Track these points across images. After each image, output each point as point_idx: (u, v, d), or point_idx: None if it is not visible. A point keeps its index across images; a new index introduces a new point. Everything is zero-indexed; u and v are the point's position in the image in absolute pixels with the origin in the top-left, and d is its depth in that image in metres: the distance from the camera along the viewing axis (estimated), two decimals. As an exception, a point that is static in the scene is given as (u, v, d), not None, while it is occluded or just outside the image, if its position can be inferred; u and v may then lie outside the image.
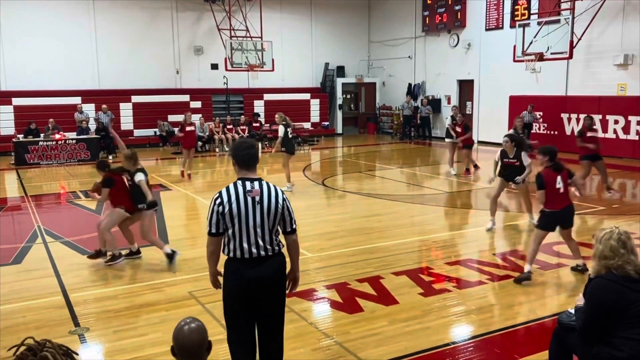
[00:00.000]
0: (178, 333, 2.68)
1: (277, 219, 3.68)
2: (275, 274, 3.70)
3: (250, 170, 3.72)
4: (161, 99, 21.33)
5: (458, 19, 21.26)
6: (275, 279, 3.70)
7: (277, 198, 3.67)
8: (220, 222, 3.63)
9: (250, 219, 3.60)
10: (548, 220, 6.36)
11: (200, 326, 2.72)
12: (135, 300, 5.88)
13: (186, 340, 2.65)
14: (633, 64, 15.91)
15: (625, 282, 3.31)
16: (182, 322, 2.74)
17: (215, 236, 3.68)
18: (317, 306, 5.74)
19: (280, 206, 3.67)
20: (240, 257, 3.63)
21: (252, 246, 3.61)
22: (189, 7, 22.04)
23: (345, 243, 7.92)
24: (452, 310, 5.53)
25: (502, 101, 19.35)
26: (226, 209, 3.60)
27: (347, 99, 26.10)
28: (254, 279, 3.61)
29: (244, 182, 3.66)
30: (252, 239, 3.61)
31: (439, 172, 14.60)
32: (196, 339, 2.67)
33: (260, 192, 3.64)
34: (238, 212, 3.59)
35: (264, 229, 3.62)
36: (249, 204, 3.61)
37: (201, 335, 2.69)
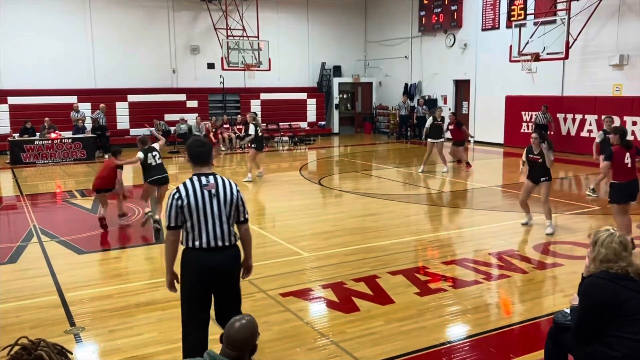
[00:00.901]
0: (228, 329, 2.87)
1: (233, 210, 3.94)
2: (231, 263, 3.98)
3: (204, 166, 4.00)
4: (157, 98, 21.29)
5: (454, 19, 21.29)
6: (230, 268, 4.00)
7: (231, 190, 3.96)
8: (178, 215, 3.85)
9: (208, 211, 3.86)
10: (618, 192, 7.23)
11: (252, 321, 2.93)
12: (132, 300, 5.87)
13: (236, 336, 2.82)
14: (628, 64, 15.95)
15: (617, 280, 3.32)
16: (234, 318, 2.93)
17: (174, 229, 3.90)
18: (313, 306, 5.74)
19: (235, 197, 3.96)
20: (199, 247, 3.87)
21: (211, 237, 3.86)
22: (185, 7, 22.01)
23: (341, 242, 7.93)
24: (447, 310, 5.54)
25: (498, 101, 19.40)
26: (184, 202, 3.84)
27: (344, 99, 26.11)
28: (212, 267, 3.88)
29: (200, 177, 3.93)
30: (210, 230, 3.86)
31: (435, 171, 14.61)
32: (244, 335, 2.85)
33: (215, 186, 3.92)
34: (196, 205, 3.84)
35: (221, 220, 3.89)
36: (205, 197, 3.87)
37: (251, 330, 2.89)
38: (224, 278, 3.98)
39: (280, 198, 12.25)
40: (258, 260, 7.14)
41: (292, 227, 8.99)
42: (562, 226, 8.95)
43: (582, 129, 17.03)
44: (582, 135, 16.76)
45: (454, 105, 22.09)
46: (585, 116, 16.86)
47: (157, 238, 8.22)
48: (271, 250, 7.71)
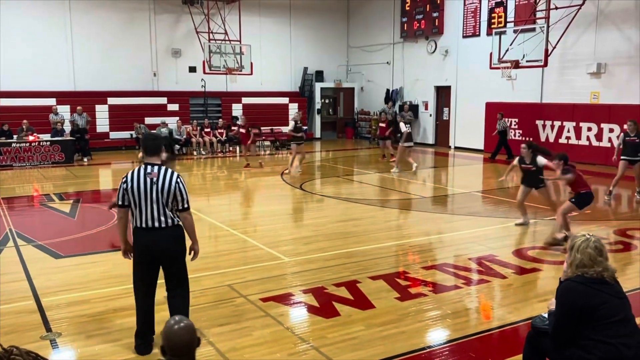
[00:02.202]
0: (169, 332, 2.72)
1: (170, 197, 4.51)
2: (168, 241, 4.56)
3: (153, 157, 4.59)
4: (138, 101, 21.10)
5: (436, 25, 21.48)
6: (168, 246, 4.57)
7: (170, 180, 4.52)
8: (125, 196, 4.53)
9: (148, 195, 4.47)
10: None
11: (190, 324, 2.77)
12: (110, 305, 5.79)
13: (177, 339, 2.69)
14: (606, 72, 16.24)
15: (593, 284, 3.37)
16: (171, 321, 2.78)
17: (121, 207, 4.59)
18: (293, 311, 5.72)
19: (173, 187, 4.51)
20: (139, 227, 4.54)
21: (148, 218, 4.49)
22: (166, 10, 21.88)
23: (322, 247, 7.92)
24: (427, 315, 5.56)
25: (478, 108, 19.60)
26: (128, 186, 4.50)
27: (326, 104, 26.15)
28: (150, 245, 4.53)
29: (146, 166, 4.54)
30: (147, 212, 4.49)
31: (417, 177, 14.69)
32: (187, 337, 2.72)
33: (157, 175, 4.50)
34: (138, 189, 4.48)
35: (158, 204, 4.48)
36: (147, 183, 4.48)
37: (191, 333, 2.74)
38: (162, 255, 4.58)
39: (261, 203, 12.21)
40: (238, 265, 7.13)
41: (273, 232, 8.96)
42: (541, 231, 9.05)
43: (561, 135, 17.27)
44: (561, 142, 17.00)
45: (435, 111, 22.28)
46: (564, 123, 17.11)
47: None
48: (252, 255, 7.68)
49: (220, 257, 7.54)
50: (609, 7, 15.87)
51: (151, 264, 4.62)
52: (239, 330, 5.14)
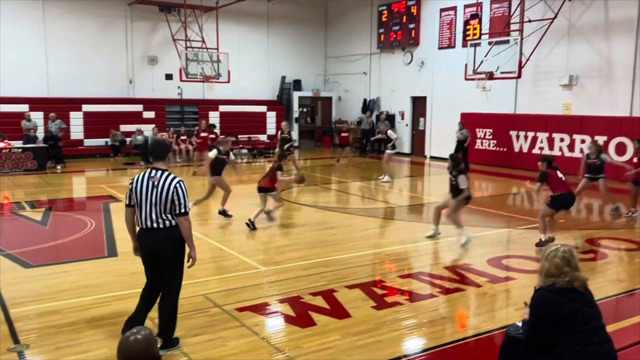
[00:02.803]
0: (123, 343, 2.64)
1: (168, 201, 4.72)
2: (161, 242, 4.76)
3: (157, 162, 4.89)
4: (113, 108, 20.86)
5: (412, 37, 21.70)
6: (162, 246, 4.77)
7: (170, 185, 4.73)
8: (131, 196, 4.85)
9: (148, 197, 4.73)
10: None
11: (147, 336, 2.67)
12: (81, 315, 5.67)
13: (131, 350, 2.61)
14: (577, 84, 16.59)
15: (566, 292, 3.41)
16: (128, 333, 2.69)
17: (127, 207, 4.91)
18: (269, 320, 5.67)
19: (172, 191, 4.71)
20: (140, 227, 4.83)
21: (147, 219, 4.76)
22: (143, 17, 21.72)
23: (299, 256, 7.89)
24: (404, 324, 5.56)
25: (454, 118, 19.81)
26: (133, 186, 4.82)
27: (304, 113, 26.19)
28: (147, 244, 4.81)
29: (151, 171, 4.83)
30: (147, 213, 4.75)
31: (393, 186, 14.76)
32: (142, 348, 2.63)
33: (159, 179, 4.74)
34: (140, 191, 4.77)
35: (157, 207, 4.72)
36: (149, 186, 4.75)
37: (147, 345, 2.64)
38: (157, 254, 4.81)
39: (238, 211, 12.12)
40: (214, 275, 7.05)
41: (250, 241, 8.91)
42: (515, 241, 9.16)
43: (534, 146, 17.55)
44: (534, 152, 17.26)
45: (411, 121, 22.47)
46: (537, 134, 17.39)
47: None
48: (228, 264, 7.61)
49: (195, 267, 7.37)
50: (580, 21, 16.24)
51: (152, 264, 4.91)
52: (213, 341, 5.07)
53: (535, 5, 16.05)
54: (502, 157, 18.39)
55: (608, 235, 9.38)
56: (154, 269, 4.88)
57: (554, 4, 15.86)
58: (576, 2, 16.22)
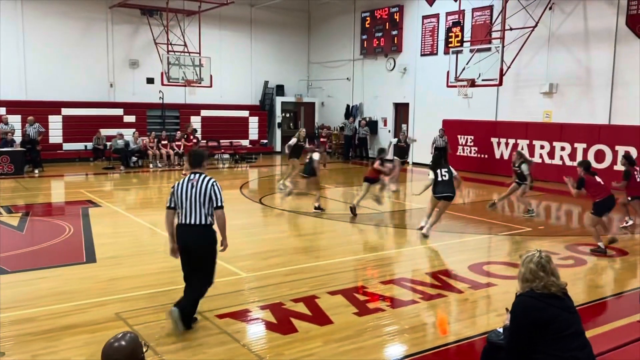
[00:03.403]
0: (106, 349, 2.64)
1: (207, 197, 5.36)
2: (198, 237, 5.39)
3: (195, 167, 5.56)
4: (93, 112, 20.63)
5: (395, 43, 21.83)
6: (197, 240, 5.40)
7: (207, 184, 5.40)
8: (172, 199, 5.48)
9: (188, 196, 5.37)
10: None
11: (131, 342, 2.66)
12: (58, 322, 5.56)
13: (112, 357, 2.60)
14: (557, 92, 16.81)
15: (545, 298, 3.43)
16: (111, 339, 2.68)
17: (168, 209, 5.53)
18: (250, 327, 5.62)
19: (209, 189, 5.37)
20: (179, 223, 5.43)
21: (187, 215, 5.38)
22: (125, 20, 21.54)
23: (281, 262, 7.84)
24: (385, 330, 5.55)
25: (435, 124, 19.92)
26: (175, 190, 5.47)
27: (286, 118, 26.16)
28: (186, 239, 5.41)
29: (191, 175, 5.51)
30: (187, 210, 5.37)
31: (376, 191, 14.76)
32: (121, 356, 2.61)
33: (197, 180, 5.42)
34: (181, 192, 5.41)
35: (196, 205, 5.35)
36: (189, 187, 5.40)
37: (129, 351, 2.63)
38: (193, 248, 5.42)
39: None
40: (195, 281, 6.96)
41: (231, 247, 8.76)
42: (496, 247, 9.23)
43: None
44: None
45: (393, 127, 22.56)
46: (518, 141, 17.56)
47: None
48: (209, 270, 7.52)
49: (176, 273, 7.33)
50: (560, 30, 16.48)
51: (188, 256, 5.47)
52: (193, 348, 5.01)
53: (516, 14, 16.25)
54: (483, 164, 18.55)
55: (587, 241, 9.48)
56: (190, 262, 5.47)
57: (535, 13, 16.08)
58: (557, 11, 16.47)
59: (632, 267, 8.12)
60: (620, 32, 15.11)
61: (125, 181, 16.72)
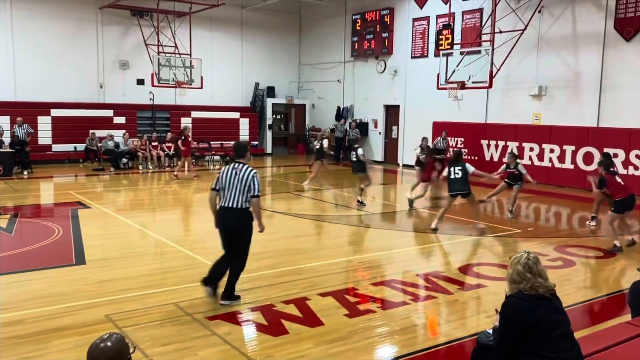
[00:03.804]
0: (91, 350, 2.65)
1: (246, 186, 6.11)
2: (237, 219, 6.17)
3: (239, 158, 6.31)
4: (83, 113, 20.51)
5: (385, 46, 21.89)
6: (236, 222, 6.19)
7: (248, 173, 6.15)
8: (217, 182, 6.25)
9: (231, 183, 6.15)
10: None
11: (116, 342, 2.67)
12: (47, 325, 5.53)
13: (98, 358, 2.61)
14: (546, 95, 16.93)
15: (534, 299, 3.46)
16: (97, 340, 2.69)
17: (212, 190, 6.31)
18: (241, 329, 5.61)
19: (250, 178, 6.13)
20: (221, 205, 6.23)
21: (228, 199, 6.16)
22: (115, 21, 21.45)
23: (272, 264, 7.84)
24: (376, 331, 5.57)
25: (426, 126, 20.00)
26: (221, 175, 6.25)
27: (277, 120, 26.15)
28: (225, 219, 6.20)
29: (234, 164, 6.27)
30: (228, 196, 6.16)
31: (366, 193, 14.79)
32: (107, 357, 2.62)
33: (240, 169, 6.18)
34: (226, 178, 6.20)
35: (236, 191, 6.13)
36: (232, 174, 6.18)
37: (115, 352, 2.64)
38: (232, 228, 6.22)
39: (210, 218, 12.01)
40: (185, 283, 6.95)
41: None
42: (486, 248, 9.27)
43: (504, 154, 17.78)
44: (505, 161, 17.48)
45: (384, 129, 22.62)
46: (507, 143, 17.66)
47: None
48: (199, 272, 7.48)
49: (166, 275, 7.36)
50: (549, 33, 16.61)
51: (226, 235, 6.26)
52: (183, 350, 4.99)
53: (506, 17, 16.35)
54: (474, 165, 18.52)
55: (575, 243, 9.56)
56: (229, 240, 6.24)
57: (524, 16, 16.19)
58: (546, 15, 16.58)
59: (620, 268, 8.19)
60: (608, 36, 15.25)
61: (115, 183, 16.64)
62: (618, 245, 8.82)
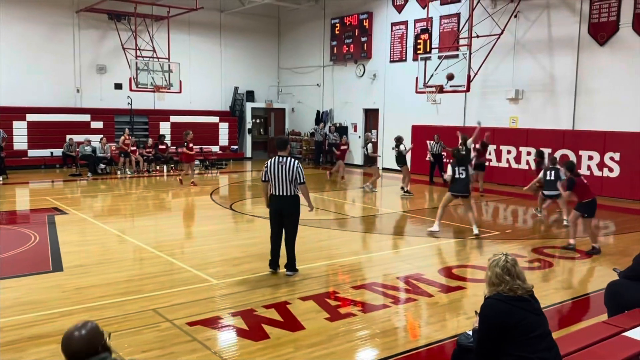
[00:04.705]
0: (65, 339, 2.71)
1: (293, 176, 7.16)
2: (290, 204, 7.29)
3: (281, 151, 7.31)
4: (59, 118, 20.23)
5: (364, 50, 22.01)
6: (289, 207, 7.29)
7: (293, 165, 7.17)
8: (266, 174, 7.26)
9: (278, 174, 7.17)
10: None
11: (91, 330, 2.74)
12: (24, 333, 5.43)
13: (72, 346, 2.67)
14: (523, 98, 17.17)
15: (512, 301, 3.50)
16: (72, 327, 2.75)
17: (263, 182, 7.36)
18: (221, 334, 5.58)
19: (295, 169, 7.17)
20: (273, 194, 7.28)
21: (278, 188, 7.21)
22: (92, 24, 21.22)
23: (252, 268, 7.81)
24: (357, 335, 5.58)
25: (405, 130, 20.11)
26: (268, 168, 7.24)
27: (257, 124, 26.10)
28: (279, 205, 7.28)
29: (278, 157, 7.25)
30: (278, 185, 7.21)
31: (346, 197, 14.85)
32: (81, 345, 2.68)
33: (285, 162, 7.17)
34: (273, 170, 7.20)
35: (285, 180, 7.18)
36: (279, 167, 7.18)
37: (88, 339, 2.70)
38: (285, 212, 7.30)
39: (189, 224, 11.94)
40: (164, 289, 6.90)
41: (202, 254, 8.77)
42: (465, 250, 9.35)
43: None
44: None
45: (363, 133, 22.68)
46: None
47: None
48: (179, 277, 7.46)
49: (145, 281, 7.28)
50: (525, 38, 16.86)
51: (279, 217, 7.33)
52: (163, 357, 4.95)
53: (483, 22, 16.57)
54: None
55: (553, 244, 9.70)
56: (281, 222, 7.32)
57: (501, 21, 16.42)
58: (522, 19, 16.84)
59: (596, 269, 8.33)
60: (582, 40, 15.54)
61: (93, 188, 16.43)
62: (597, 247, 8.94)
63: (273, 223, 7.41)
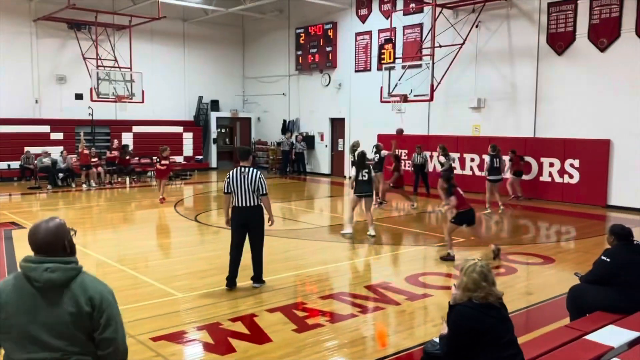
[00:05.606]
0: (32, 231, 2.78)
1: (255, 186, 7.09)
2: (254, 215, 7.19)
3: (243, 161, 7.25)
4: (17, 129, 19.67)
5: (329, 59, 22.11)
6: (254, 218, 7.20)
7: (255, 175, 7.14)
8: (228, 185, 7.20)
9: (241, 185, 7.10)
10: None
11: (58, 224, 2.83)
12: None
13: (39, 237, 2.74)
14: (485, 107, 17.49)
15: (482, 308, 3.51)
16: (39, 221, 2.82)
17: (225, 194, 7.33)
18: (187, 349, 5.46)
19: (257, 180, 7.13)
20: (236, 206, 7.17)
21: (241, 200, 7.12)
22: (51, 34, 20.75)
23: (218, 281, 7.67)
24: (325, 345, 5.53)
25: (371, 139, 20.22)
26: (231, 179, 7.19)
27: (222, 133, 25.90)
28: (244, 216, 7.17)
29: (240, 168, 7.19)
30: (241, 196, 7.12)
31: (314, 206, 14.82)
32: (47, 236, 2.75)
33: (247, 173, 7.12)
34: (235, 182, 7.14)
35: (247, 191, 7.10)
36: (240, 178, 7.13)
37: (54, 232, 2.78)
38: (251, 224, 7.20)
39: (153, 236, 11.71)
40: (127, 303, 6.71)
41: (166, 267, 8.60)
42: (431, 258, 9.41)
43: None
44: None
45: (330, 142, 22.77)
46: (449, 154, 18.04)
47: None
48: (142, 292, 7.29)
49: (108, 295, 7.07)
50: (486, 48, 17.20)
51: (242, 229, 7.20)
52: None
53: (445, 32, 16.83)
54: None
55: (516, 250, 9.85)
56: (243, 234, 7.21)
57: (463, 31, 16.72)
58: (483, 30, 17.18)
59: (559, 274, 8.48)
60: (542, 50, 15.93)
61: (53, 201, 15.99)
62: (452, 254, 8.90)
63: (235, 235, 7.24)
